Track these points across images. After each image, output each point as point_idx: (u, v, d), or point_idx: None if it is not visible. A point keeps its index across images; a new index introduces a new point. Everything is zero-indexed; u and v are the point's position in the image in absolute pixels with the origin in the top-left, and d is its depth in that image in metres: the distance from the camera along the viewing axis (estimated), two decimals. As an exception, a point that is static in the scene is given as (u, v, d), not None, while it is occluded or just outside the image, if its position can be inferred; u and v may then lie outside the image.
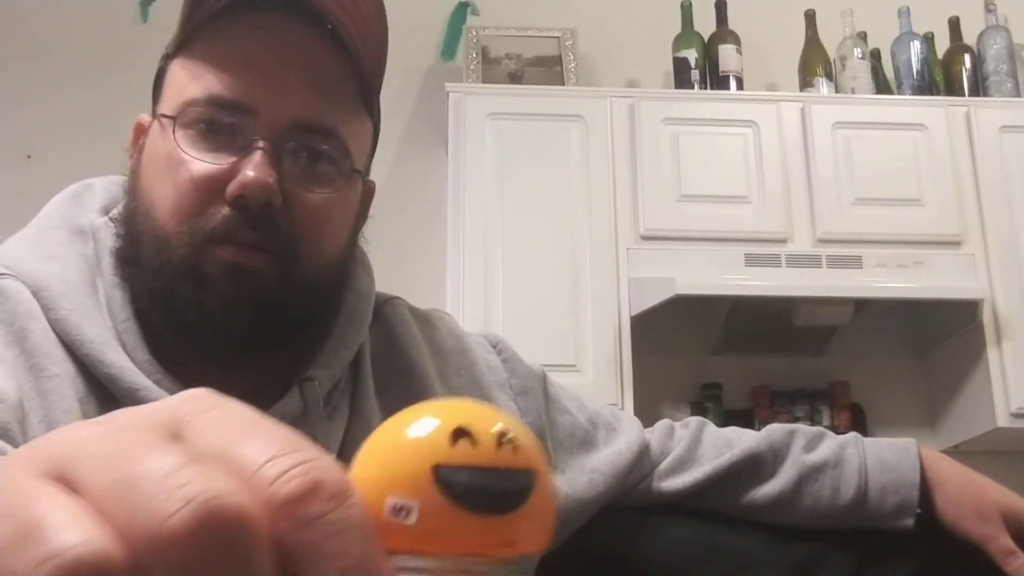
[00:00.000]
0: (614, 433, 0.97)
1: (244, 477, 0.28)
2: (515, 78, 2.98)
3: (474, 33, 3.04)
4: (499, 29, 3.05)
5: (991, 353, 2.69)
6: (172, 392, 0.72)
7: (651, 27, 3.19)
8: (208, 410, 0.30)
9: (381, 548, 0.31)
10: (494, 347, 0.95)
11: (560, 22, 3.10)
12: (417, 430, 0.42)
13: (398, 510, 0.39)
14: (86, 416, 0.71)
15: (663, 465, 0.98)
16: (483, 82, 2.94)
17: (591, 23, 3.17)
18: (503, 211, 2.72)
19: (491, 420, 0.43)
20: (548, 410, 0.94)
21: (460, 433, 0.41)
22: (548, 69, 3.01)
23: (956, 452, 2.79)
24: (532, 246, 2.70)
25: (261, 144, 0.73)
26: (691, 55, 2.99)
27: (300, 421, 0.77)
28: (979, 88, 2.99)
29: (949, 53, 3.07)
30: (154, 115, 0.79)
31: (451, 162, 2.79)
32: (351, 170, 0.78)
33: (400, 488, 0.40)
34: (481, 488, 0.40)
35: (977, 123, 2.86)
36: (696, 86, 2.96)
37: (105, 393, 0.72)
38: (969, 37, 3.06)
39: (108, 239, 0.79)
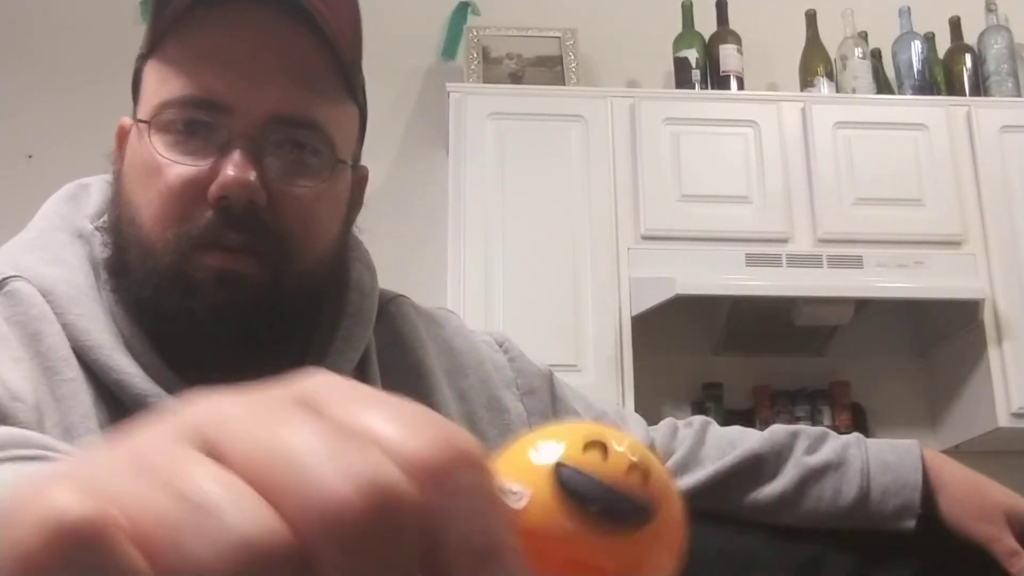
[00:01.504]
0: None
1: (392, 449, 0.27)
2: (516, 78, 2.98)
3: (475, 33, 3.04)
4: (500, 29, 3.05)
5: (992, 353, 2.69)
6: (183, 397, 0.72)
7: (652, 27, 3.19)
8: (335, 387, 0.30)
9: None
10: (500, 346, 0.94)
11: (561, 22, 3.10)
12: (553, 433, 0.42)
13: (508, 493, 0.38)
14: (100, 423, 0.69)
15: (666, 467, 0.98)
16: (484, 82, 2.94)
17: (592, 23, 3.17)
18: (503, 211, 2.72)
19: (632, 447, 0.42)
20: (555, 410, 0.93)
21: (594, 444, 0.41)
22: (549, 69, 3.00)
23: (957, 452, 2.78)
24: (532, 246, 2.70)
25: (240, 142, 0.71)
26: (692, 55, 2.99)
27: None
28: (980, 88, 2.99)
29: (950, 53, 3.07)
30: (134, 119, 0.77)
31: (451, 162, 2.79)
32: (336, 160, 0.76)
33: (517, 474, 0.40)
34: (593, 497, 0.39)
35: (978, 123, 2.86)
36: (697, 86, 2.96)
37: (113, 399, 0.71)
38: (970, 37, 3.06)
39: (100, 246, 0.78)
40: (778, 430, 1.00)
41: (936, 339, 2.93)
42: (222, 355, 0.73)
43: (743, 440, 0.99)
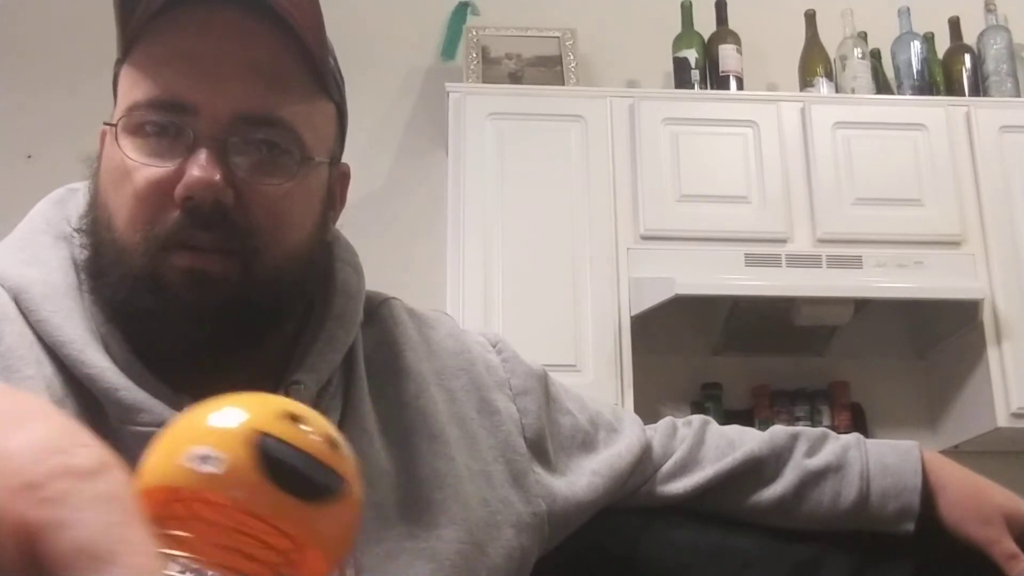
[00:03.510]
0: (615, 434, 0.96)
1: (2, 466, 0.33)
2: (515, 78, 2.98)
3: (474, 33, 3.04)
4: (499, 29, 3.05)
5: (991, 353, 2.69)
6: (154, 393, 0.72)
7: (651, 27, 3.19)
8: None
9: (137, 518, 0.34)
10: (494, 347, 0.93)
11: (560, 22, 3.10)
12: (254, 400, 0.43)
13: (203, 458, 0.40)
14: (69, 416, 0.71)
15: (665, 468, 0.97)
16: (483, 82, 2.94)
17: (591, 23, 3.17)
18: (503, 211, 2.72)
19: (331, 429, 0.44)
20: (549, 411, 0.92)
21: (295, 417, 0.42)
22: (548, 69, 3.01)
23: (956, 452, 2.78)
24: (532, 246, 2.70)
25: (205, 142, 0.72)
26: (691, 55, 2.99)
27: None
28: (979, 88, 2.99)
29: (949, 53, 3.07)
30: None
31: (451, 162, 2.79)
32: (305, 158, 0.76)
33: (213, 439, 0.41)
34: (296, 468, 0.40)
35: (977, 123, 2.86)
36: (696, 86, 2.96)
37: (85, 394, 0.72)
38: (969, 37, 3.06)
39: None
40: (778, 431, 1.00)
41: (935, 339, 2.93)
42: (196, 354, 0.74)
43: (742, 440, 0.99)
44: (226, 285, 0.73)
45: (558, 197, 2.75)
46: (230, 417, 0.42)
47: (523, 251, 2.69)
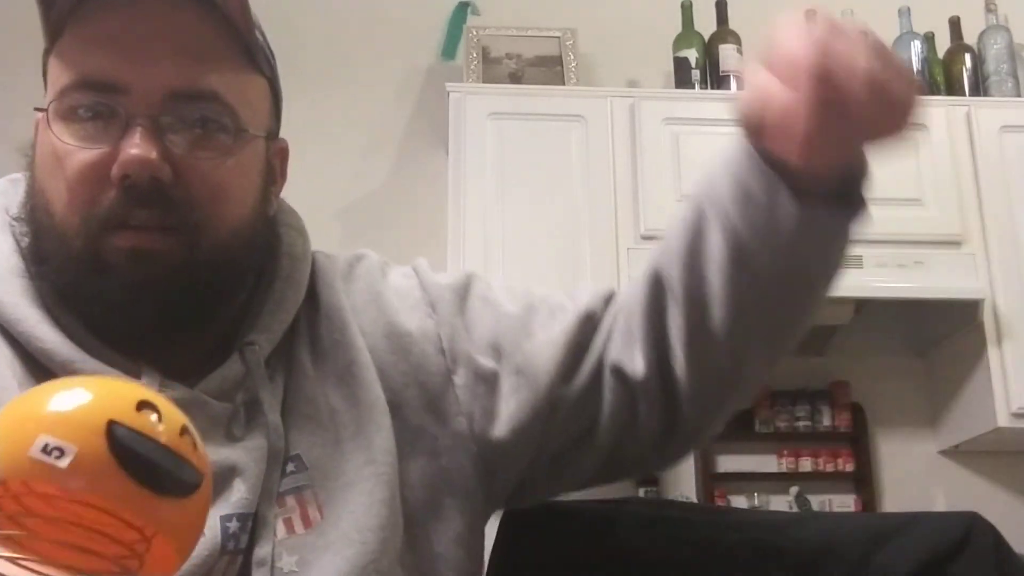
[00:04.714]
0: (560, 313, 0.89)
1: None
2: (515, 78, 2.98)
3: (474, 33, 3.04)
4: (499, 29, 3.05)
5: (991, 353, 2.69)
6: (111, 363, 0.73)
7: (651, 27, 3.19)
8: None
9: None
10: (414, 271, 0.91)
11: (560, 22, 3.10)
12: (103, 384, 0.42)
13: (50, 450, 0.38)
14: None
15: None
16: (483, 82, 2.94)
17: (591, 23, 3.17)
18: (503, 211, 2.72)
19: (178, 414, 0.42)
20: (466, 312, 0.88)
21: (147, 405, 0.41)
22: (548, 69, 3.01)
23: (957, 452, 2.78)
24: (532, 246, 2.70)
25: (139, 120, 0.72)
26: (691, 55, 2.99)
27: (243, 384, 0.78)
28: (979, 88, 2.99)
29: (949, 53, 3.07)
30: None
31: (451, 162, 2.79)
32: (238, 130, 0.76)
33: (61, 428, 0.39)
34: (152, 461, 0.39)
35: (977, 123, 2.86)
36: (696, 86, 2.96)
37: (44, 371, 0.73)
38: (970, 37, 3.06)
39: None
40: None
41: (936, 339, 2.93)
42: (146, 332, 0.75)
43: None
44: (169, 261, 0.73)
45: (558, 197, 2.75)
46: (80, 405, 0.40)
47: (523, 251, 2.69)
